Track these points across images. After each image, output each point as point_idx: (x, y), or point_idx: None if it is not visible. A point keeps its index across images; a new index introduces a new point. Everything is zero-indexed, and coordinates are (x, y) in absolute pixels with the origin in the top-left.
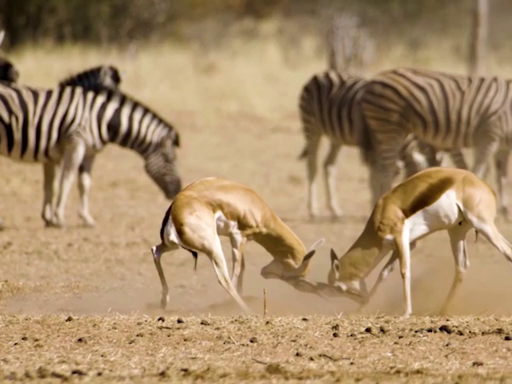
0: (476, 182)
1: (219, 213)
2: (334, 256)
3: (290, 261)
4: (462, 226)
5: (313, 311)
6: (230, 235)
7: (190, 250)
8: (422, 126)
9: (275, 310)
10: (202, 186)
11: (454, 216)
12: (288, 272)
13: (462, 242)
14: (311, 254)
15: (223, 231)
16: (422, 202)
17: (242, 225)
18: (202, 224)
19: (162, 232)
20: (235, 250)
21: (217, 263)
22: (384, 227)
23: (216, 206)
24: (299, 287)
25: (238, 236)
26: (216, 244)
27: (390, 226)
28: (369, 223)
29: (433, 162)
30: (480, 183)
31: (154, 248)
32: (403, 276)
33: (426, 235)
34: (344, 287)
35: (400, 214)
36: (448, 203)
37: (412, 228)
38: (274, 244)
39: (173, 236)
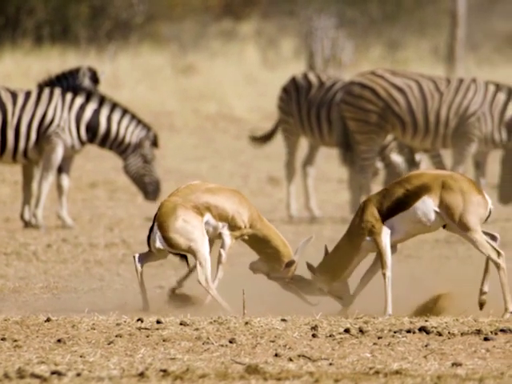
0: (456, 186)
1: (208, 215)
2: (309, 266)
3: (276, 263)
4: (447, 228)
5: (292, 312)
6: (220, 237)
7: (177, 254)
8: (401, 126)
9: (254, 311)
10: (188, 190)
11: (430, 222)
12: (273, 273)
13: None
14: (292, 262)
15: (213, 234)
16: (398, 207)
17: (231, 226)
18: (188, 227)
19: (149, 239)
20: (222, 252)
21: (201, 263)
22: (363, 229)
23: (203, 208)
24: (286, 288)
25: (228, 238)
26: (204, 246)
27: (368, 228)
28: (349, 225)
29: (412, 162)
30: (462, 187)
31: (137, 256)
32: (384, 276)
33: (406, 239)
34: (326, 288)
35: (378, 215)
36: (424, 209)
37: (391, 231)
38: (261, 245)
39: (158, 243)
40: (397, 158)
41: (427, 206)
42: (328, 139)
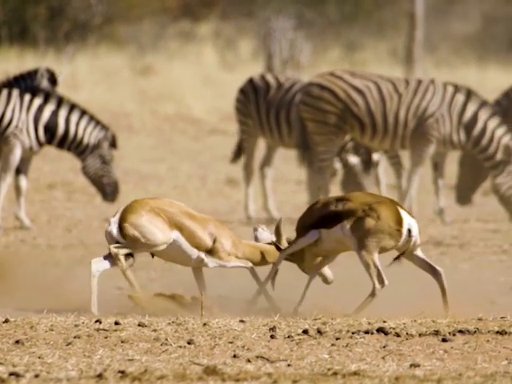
0: (374, 214)
1: (177, 233)
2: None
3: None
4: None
5: (250, 313)
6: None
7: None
8: (360, 127)
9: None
10: (168, 203)
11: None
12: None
13: (417, 254)
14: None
15: (187, 260)
16: (321, 223)
17: (215, 253)
18: (150, 227)
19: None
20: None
21: (131, 247)
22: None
23: (174, 225)
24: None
25: (215, 263)
26: (156, 240)
27: (299, 229)
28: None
29: (368, 163)
30: (380, 215)
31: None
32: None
33: (333, 253)
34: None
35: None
36: (341, 233)
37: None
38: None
39: (114, 229)
40: (353, 159)
41: (344, 231)
42: (287, 140)
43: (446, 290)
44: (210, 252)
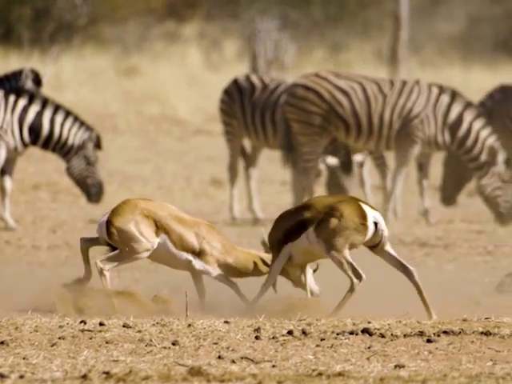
0: (336, 213)
1: (164, 237)
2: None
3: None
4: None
5: (235, 314)
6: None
7: (109, 245)
8: (345, 128)
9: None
10: (159, 206)
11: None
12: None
13: (389, 251)
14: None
15: (173, 262)
16: (288, 237)
17: (203, 257)
18: (135, 233)
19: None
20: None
21: (118, 257)
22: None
23: (162, 228)
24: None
25: (202, 266)
26: (136, 255)
27: (272, 247)
28: None
29: (348, 165)
30: (342, 213)
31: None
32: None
33: (309, 262)
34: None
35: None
36: (307, 242)
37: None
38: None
39: (102, 228)
40: (331, 160)
41: (310, 238)
42: (273, 141)
43: (421, 288)
44: (198, 254)
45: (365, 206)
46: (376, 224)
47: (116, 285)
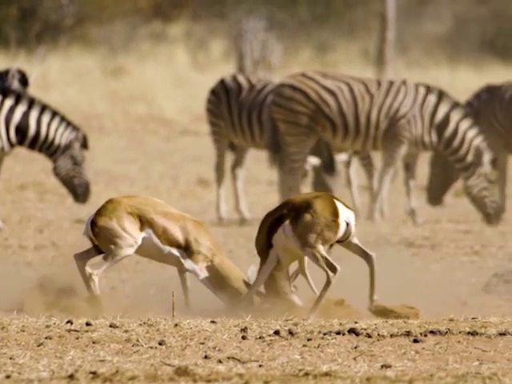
0: (310, 209)
1: (149, 231)
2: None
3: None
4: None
5: (221, 314)
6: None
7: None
8: (331, 128)
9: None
10: (144, 201)
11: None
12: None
13: (355, 243)
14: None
15: (160, 257)
16: (270, 237)
17: (190, 254)
18: (118, 231)
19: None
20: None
21: (105, 261)
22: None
23: (146, 223)
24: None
25: (189, 264)
26: (121, 254)
27: (259, 252)
28: None
29: (330, 165)
30: (315, 209)
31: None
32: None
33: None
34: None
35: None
36: (283, 237)
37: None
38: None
39: (88, 228)
40: (313, 160)
41: (286, 233)
42: (259, 141)
43: (374, 273)
44: (186, 250)
45: (339, 204)
46: (347, 224)
47: (103, 285)
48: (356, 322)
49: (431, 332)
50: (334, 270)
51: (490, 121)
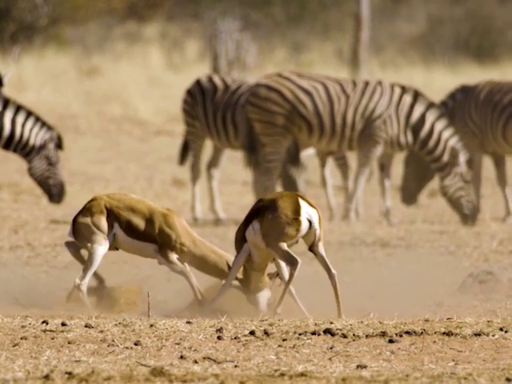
0: (277, 205)
1: (116, 227)
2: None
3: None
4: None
5: (197, 314)
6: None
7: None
8: (307, 129)
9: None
10: (118, 197)
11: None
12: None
13: (319, 251)
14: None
15: (139, 251)
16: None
17: (161, 246)
18: (93, 229)
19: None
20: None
21: (87, 266)
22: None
23: (114, 218)
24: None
25: (161, 258)
26: (99, 251)
27: (236, 246)
28: None
29: (294, 157)
30: (279, 206)
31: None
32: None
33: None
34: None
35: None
36: (252, 234)
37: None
38: (200, 265)
39: (70, 229)
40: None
41: (255, 230)
42: (234, 142)
43: (338, 291)
44: (159, 246)
45: (302, 202)
46: (309, 221)
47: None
48: (331, 323)
49: (406, 332)
50: (294, 262)
51: (464, 121)
